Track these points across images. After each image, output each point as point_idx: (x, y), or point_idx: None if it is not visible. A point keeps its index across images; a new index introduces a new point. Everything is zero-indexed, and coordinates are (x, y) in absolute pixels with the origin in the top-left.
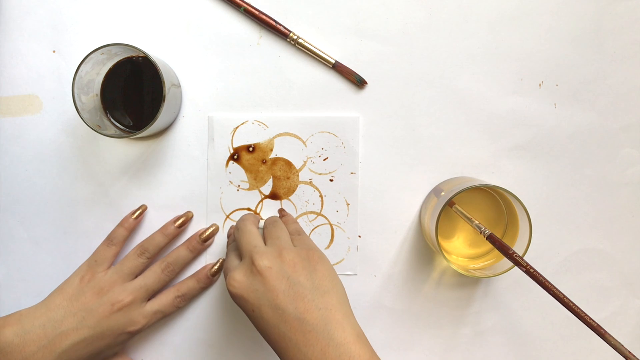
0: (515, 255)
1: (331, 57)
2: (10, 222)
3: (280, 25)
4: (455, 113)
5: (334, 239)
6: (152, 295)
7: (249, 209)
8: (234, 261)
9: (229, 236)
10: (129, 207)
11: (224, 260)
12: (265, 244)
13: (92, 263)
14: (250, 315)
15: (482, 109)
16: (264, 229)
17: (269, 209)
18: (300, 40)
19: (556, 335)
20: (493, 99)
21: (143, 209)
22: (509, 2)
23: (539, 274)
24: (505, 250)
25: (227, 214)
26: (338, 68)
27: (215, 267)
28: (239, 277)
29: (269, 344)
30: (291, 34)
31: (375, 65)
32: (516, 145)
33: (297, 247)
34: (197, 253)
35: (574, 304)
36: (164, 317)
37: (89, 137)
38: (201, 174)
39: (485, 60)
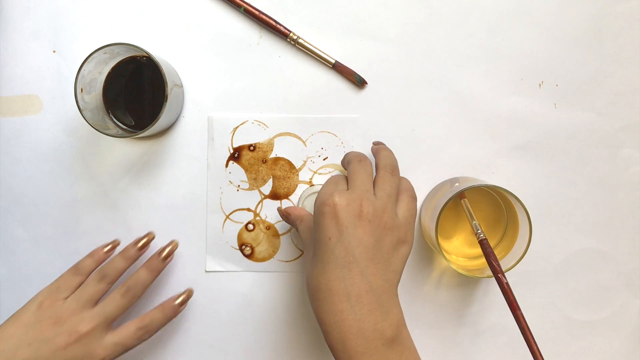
0: (499, 273)
1: (331, 57)
2: (10, 222)
3: (280, 25)
4: (455, 113)
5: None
6: (112, 322)
7: (248, 209)
8: (343, 184)
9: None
10: (129, 207)
11: (191, 290)
12: (374, 185)
13: (54, 290)
14: (323, 242)
15: (482, 109)
16: (377, 168)
17: (269, 209)
18: (300, 40)
19: (556, 335)
20: (493, 99)
21: (114, 244)
22: (509, 2)
23: (513, 296)
24: (491, 261)
25: (227, 214)
26: (338, 68)
27: (182, 297)
28: (343, 202)
29: (312, 277)
30: (291, 34)
31: (375, 65)
32: (516, 145)
33: (400, 218)
34: (157, 272)
35: (534, 340)
36: (127, 351)
37: (90, 137)
38: (201, 174)
39: (485, 60)
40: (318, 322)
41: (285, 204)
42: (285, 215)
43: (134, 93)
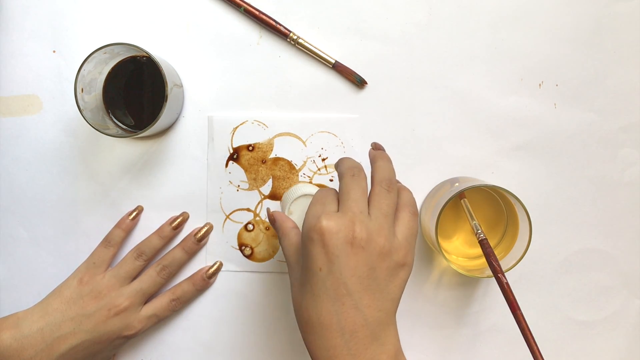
0: (499, 273)
1: (331, 57)
2: (10, 222)
3: (280, 25)
4: (455, 113)
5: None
6: (148, 299)
7: (248, 209)
8: (333, 203)
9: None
10: (129, 207)
11: (221, 263)
12: (369, 203)
13: (90, 265)
14: (313, 272)
15: (482, 109)
16: (372, 182)
17: None
18: (300, 40)
19: (556, 335)
20: (493, 99)
21: (139, 209)
22: (509, 2)
23: (513, 295)
24: (491, 261)
25: (227, 214)
26: (338, 68)
27: (212, 269)
28: (333, 228)
29: (302, 308)
30: (291, 34)
31: (375, 65)
32: (516, 145)
33: (399, 238)
34: (192, 253)
35: (534, 340)
36: (160, 321)
37: (90, 137)
38: (201, 174)
39: (485, 60)
40: (310, 355)
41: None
42: (271, 220)
43: (134, 93)
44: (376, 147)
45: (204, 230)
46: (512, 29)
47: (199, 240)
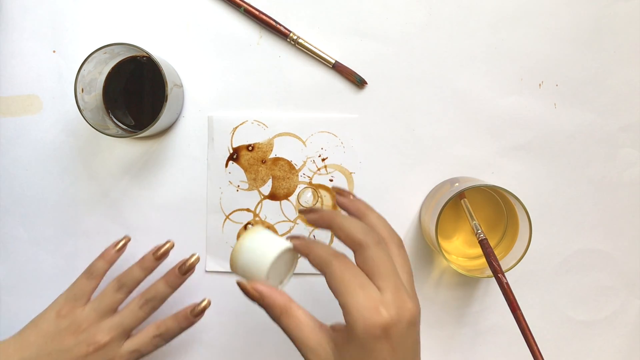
0: (499, 273)
1: (331, 57)
2: (10, 222)
3: (280, 25)
4: (455, 113)
5: (333, 240)
6: (129, 332)
7: (248, 210)
8: (369, 281)
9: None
10: (129, 207)
11: (208, 301)
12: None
13: (70, 297)
14: None
15: (482, 109)
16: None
17: (269, 210)
18: (300, 40)
19: (556, 335)
20: (493, 99)
21: (126, 240)
22: (509, 2)
23: (513, 295)
24: (491, 261)
25: (227, 214)
26: (338, 68)
27: (199, 307)
28: (395, 317)
29: None
30: (291, 34)
31: (375, 65)
32: (516, 145)
33: (416, 301)
34: (176, 286)
35: (534, 340)
36: (143, 357)
37: (90, 137)
38: (201, 174)
39: (485, 60)
40: None
41: (284, 204)
42: (256, 297)
43: (134, 93)
44: (343, 194)
45: (189, 263)
46: (512, 29)
47: (183, 273)
